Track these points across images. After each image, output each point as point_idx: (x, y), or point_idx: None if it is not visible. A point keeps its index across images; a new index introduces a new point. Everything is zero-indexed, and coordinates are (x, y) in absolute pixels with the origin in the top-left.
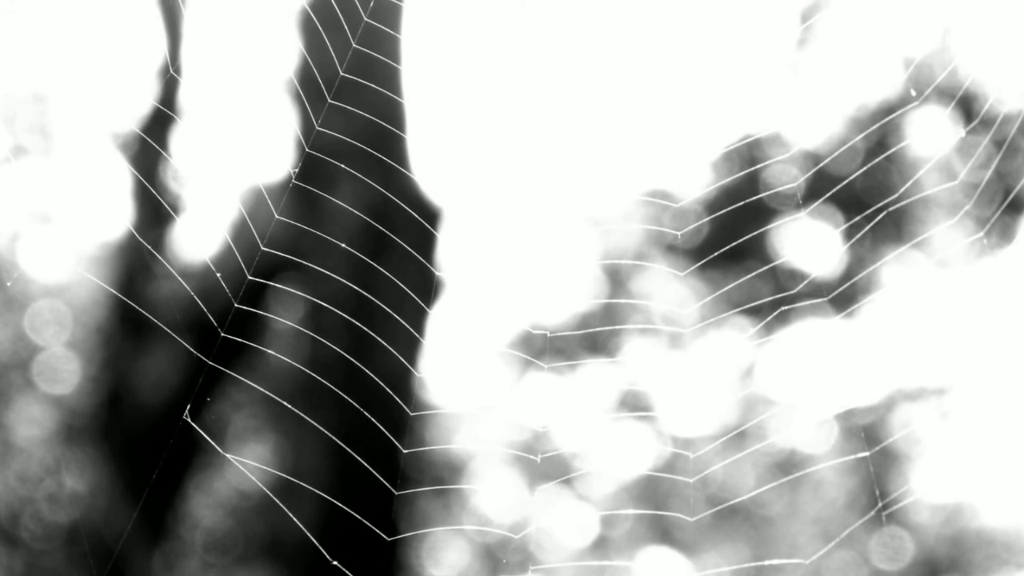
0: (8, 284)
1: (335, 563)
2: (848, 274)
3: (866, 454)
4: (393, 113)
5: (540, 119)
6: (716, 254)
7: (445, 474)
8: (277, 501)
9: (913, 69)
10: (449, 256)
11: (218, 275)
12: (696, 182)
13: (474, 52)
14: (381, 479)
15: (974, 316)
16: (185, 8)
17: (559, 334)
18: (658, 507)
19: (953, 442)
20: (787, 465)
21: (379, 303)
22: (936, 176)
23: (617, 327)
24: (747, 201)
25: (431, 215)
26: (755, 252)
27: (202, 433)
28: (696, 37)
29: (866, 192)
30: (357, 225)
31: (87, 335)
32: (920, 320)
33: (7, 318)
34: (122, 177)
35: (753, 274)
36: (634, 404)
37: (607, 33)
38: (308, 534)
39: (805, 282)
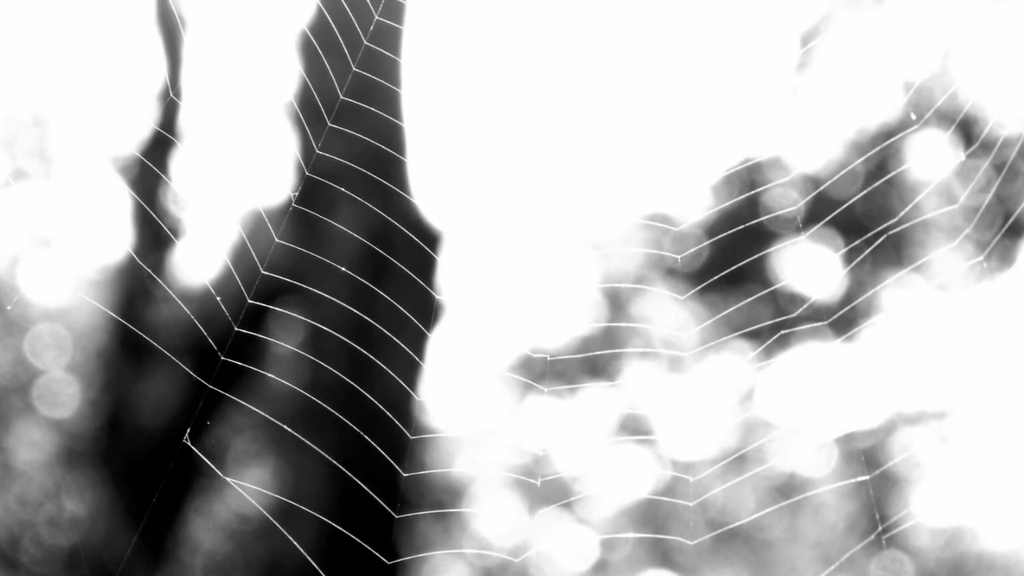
0: (8, 308)
1: None
2: (848, 298)
3: (866, 478)
4: (393, 137)
5: (540, 142)
6: (716, 278)
7: (445, 498)
8: (277, 525)
9: (913, 92)
10: (449, 280)
11: (218, 299)
12: (696, 205)
13: (474, 76)
14: (381, 502)
15: (974, 340)
16: (185, 32)
17: (559, 357)
18: (658, 530)
19: (953, 466)
20: (787, 489)
21: (379, 327)
22: (936, 199)
23: (617, 351)
24: (747, 225)
25: (431, 238)
26: (755, 276)
27: (202, 457)
28: (697, 60)
29: (866, 215)
30: (357, 249)
31: (87, 359)
32: (920, 344)
33: (7, 342)
34: (122, 200)
35: (753, 298)
36: (634, 428)
37: (607, 56)
38: (308, 558)
39: (805, 306)
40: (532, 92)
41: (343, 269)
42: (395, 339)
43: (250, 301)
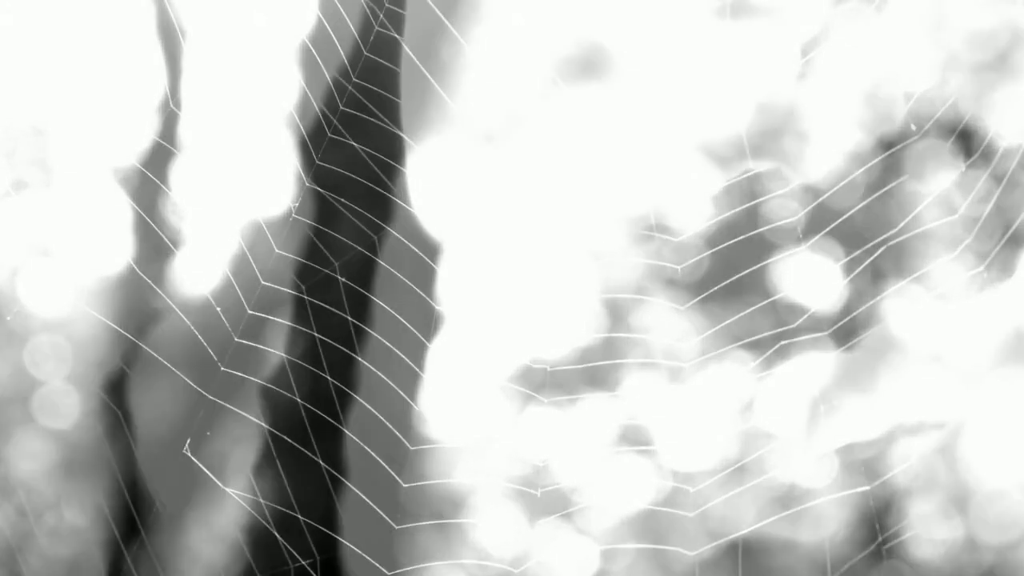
0: (8, 318)
1: None
2: (848, 308)
3: (866, 488)
4: (393, 146)
5: (540, 152)
6: (716, 288)
7: (445, 508)
8: (276, 535)
9: (913, 103)
10: (449, 290)
11: (218, 309)
12: (697, 216)
13: (474, 85)
14: (381, 513)
15: (974, 350)
16: (185, 42)
17: (559, 368)
18: (658, 541)
19: (954, 476)
20: (787, 499)
21: (379, 337)
22: (936, 210)
23: (617, 361)
24: (747, 235)
25: (431, 248)
26: (755, 286)
27: (201, 467)
28: (697, 70)
29: (866, 226)
30: (357, 259)
31: (87, 369)
32: (920, 354)
33: (7, 352)
34: (122, 211)
35: (753, 308)
36: (634, 438)
37: (607, 66)
38: (308, 567)
39: (805, 316)
40: (532, 101)
41: (343, 280)
42: (395, 349)
43: (250, 312)
